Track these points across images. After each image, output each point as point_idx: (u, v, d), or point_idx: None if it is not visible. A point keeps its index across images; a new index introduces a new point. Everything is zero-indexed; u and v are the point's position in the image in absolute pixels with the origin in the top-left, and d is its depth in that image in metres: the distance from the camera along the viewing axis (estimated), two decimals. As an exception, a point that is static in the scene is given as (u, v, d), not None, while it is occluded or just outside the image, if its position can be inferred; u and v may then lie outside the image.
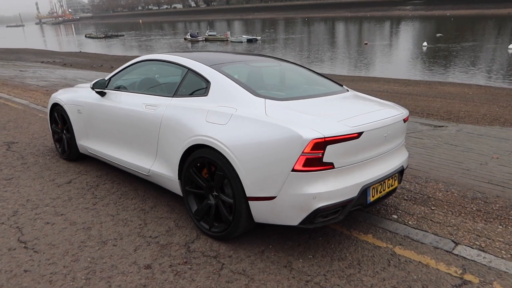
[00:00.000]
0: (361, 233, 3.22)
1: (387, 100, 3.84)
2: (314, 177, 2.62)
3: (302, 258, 2.88)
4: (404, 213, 3.61)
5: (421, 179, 4.59)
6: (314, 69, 6.06)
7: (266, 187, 2.70)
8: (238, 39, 53.57)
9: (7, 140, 5.86)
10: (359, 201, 2.86)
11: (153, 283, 2.61)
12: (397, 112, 3.21)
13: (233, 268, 2.76)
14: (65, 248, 3.01)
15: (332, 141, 2.60)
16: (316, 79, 3.88)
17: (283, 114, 2.79)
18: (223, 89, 3.13)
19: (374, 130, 2.85)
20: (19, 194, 3.98)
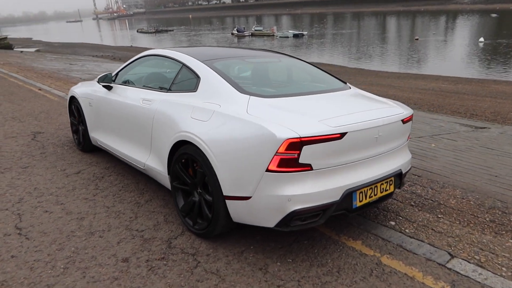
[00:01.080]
0: (350, 239, 3.06)
1: (428, 99, 3.61)
2: (290, 178, 2.51)
3: (280, 261, 2.78)
4: (404, 220, 3.39)
5: (438, 184, 4.30)
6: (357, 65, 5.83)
7: (241, 187, 2.63)
8: (284, 34, 53.26)
9: (34, 130, 6.18)
10: (343, 206, 2.71)
11: (125, 276, 2.63)
12: (394, 112, 3.01)
13: (207, 267, 2.72)
14: (54, 237, 3.11)
15: (309, 141, 2.47)
16: (318, 75, 3.73)
17: (264, 112, 2.70)
18: (211, 85, 3.08)
19: (361, 130, 2.68)
20: (29, 182, 4.17)
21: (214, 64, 3.29)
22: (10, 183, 4.17)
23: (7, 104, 8.26)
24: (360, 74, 24.11)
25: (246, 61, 3.57)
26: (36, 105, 8.05)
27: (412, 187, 4.20)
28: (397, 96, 12.70)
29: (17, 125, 6.56)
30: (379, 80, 20.93)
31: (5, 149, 5.31)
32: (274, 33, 55.30)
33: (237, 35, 58.32)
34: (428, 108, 10.04)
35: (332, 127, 2.56)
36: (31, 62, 18.59)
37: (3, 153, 5.14)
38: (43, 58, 23.25)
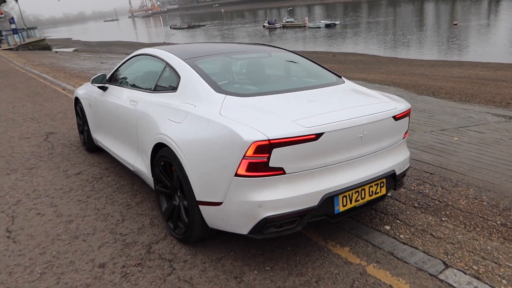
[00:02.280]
0: (337, 245, 2.87)
1: (462, 87, 3.34)
2: (260, 183, 2.36)
3: (258, 269, 2.64)
4: (402, 223, 3.15)
5: (450, 182, 4.00)
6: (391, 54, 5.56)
7: (212, 192, 2.50)
8: (316, 25, 52.40)
9: (48, 131, 6.33)
10: (322, 211, 2.53)
11: (98, 283, 2.58)
12: (384, 108, 2.77)
13: (181, 274, 2.63)
14: (40, 240, 3.12)
15: (279, 143, 2.30)
16: (311, 70, 3.53)
17: (237, 112, 2.55)
18: (190, 84, 2.96)
19: (341, 130, 2.48)
20: (31, 184, 4.24)
21: (196, 62, 3.17)
22: (13, 184, 4.26)
23: (30, 105, 8.53)
24: (393, 63, 23.28)
25: (232, 57, 3.42)
26: (56, 105, 8.26)
27: (420, 186, 3.92)
28: (428, 86, 12.12)
29: (34, 125, 6.74)
30: (412, 69, 20.11)
31: (17, 150, 5.45)
32: (306, 24, 54.48)
33: (268, 28, 57.97)
34: (460, 97, 9.48)
35: (306, 127, 2.38)
36: (64, 62, 19.25)
37: (14, 154, 5.28)
38: (77, 58, 24.05)
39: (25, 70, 15.49)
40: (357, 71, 19.27)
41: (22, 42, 32.71)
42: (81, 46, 51.03)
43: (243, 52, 3.57)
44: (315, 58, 27.65)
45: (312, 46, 35.97)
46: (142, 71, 3.88)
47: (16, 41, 31.46)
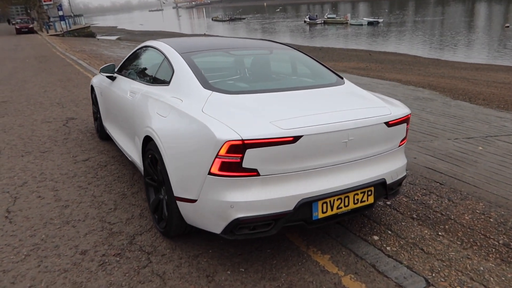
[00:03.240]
0: (318, 252, 2.78)
1: (502, 94, 3.19)
2: (233, 183, 2.31)
3: (232, 270, 2.60)
4: (392, 235, 3.01)
5: (460, 194, 3.79)
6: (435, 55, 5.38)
7: (188, 189, 2.49)
8: (358, 22, 51.31)
9: (69, 116, 6.55)
10: (299, 216, 2.45)
11: (75, 269, 2.64)
12: (375, 113, 2.64)
13: (156, 268, 2.63)
14: (33, 223, 3.23)
15: (253, 144, 2.25)
16: (312, 69, 3.42)
17: (219, 110, 2.51)
18: (181, 78, 2.95)
19: (322, 134, 2.39)
20: (40, 167, 4.40)
21: (192, 56, 3.15)
22: (24, 166, 4.43)
23: (60, 90, 8.87)
24: (434, 65, 22.41)
25: (230, 53, 3.38)
26: (83, 92, 8.54)
27: (425, 197, 3.74)
28: (466, 90, 11.59)
29: (58, 110, 7.00)
30: (454, 72, 19.27)
31: (36, 133, 5.68)
32: (348, 21, 53.42)
33: (309, 23, 57.35)
34: (498, 105, 8.99)
35: (283, 129, 2.30)
36: (103, 50, 19.88)
37: (33, 137, 5.50)
38: (117, 46, 24.77)
39: (65, 56, 16.12)
40: (394, 71, 18.69)
41: (68, 28, 34.11)
42: (124, 34, 52.54)
43: (244, 48, 3.51)
44: (351, 56, 27.00)
45: (350, 43, 35.25)
46: (145, 63, 3.92)
47: (62, 28, 32.86)
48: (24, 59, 15.84)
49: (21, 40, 27.85)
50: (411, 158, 4.86)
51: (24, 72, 11.99)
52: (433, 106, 8.91)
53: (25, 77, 11.06)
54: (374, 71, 18.28)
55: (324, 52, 29.90)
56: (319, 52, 29.57)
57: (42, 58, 15.71)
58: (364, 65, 21.03)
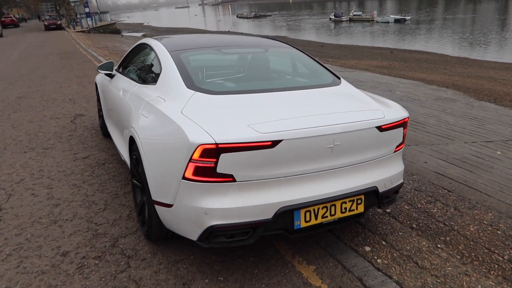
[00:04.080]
0: (304, 262, 2.63)
1: None
2: (207, 189, 2.20)
3: (210, 278, 2.49)
4: (387, 245, 2.83)
5: (468, 203, 3.56)
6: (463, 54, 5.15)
7: (164, 193, 2.39)
8: (385, 19, 50.24)
9: (79, 113, 6.59)
10: (279, 225, 2.32)
11: (52, 271, 2.59)
12: (366, 117, 2.47)
13: (133, 273, 2.55)
14: (22, 221, 3.21)
15: (228, 148, 2.12)
16: (308, 69, 3.27)
17: (198, 111, 2.40)
18: (167, 77, 2.86)
19: (304, 139, 2.24)
20: (40, 164, 4.41)
21: (181, 55, 3.05)
22: (24, 163, 4.46)
23: (75, 86, 8.97)
24: (461, 64, 21.66)
25: (222, 51, 3.25)
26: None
27: (429, 205, 3.53)
28: (492, 91, 11.12)
29: (69, 106, 7.06)
30: (481, 71, 18.56)
31: (43, 129, 5.73)
32: (374, 18, 52.35)
33: (334, 20, 56.55)
34: (526, 106, 8.57)
35: (261, 133, 2.17)
36: (126, 46, 20.10)
37: (39, 133, 5.54)
38: (140, 43, 25.04)
39: (87, 52, 16.38)
40: (418, 70, 18.15)
41: (94, 25, 34.80)
42: (150, 31, 53.20)
43: (238, 46, 3.39)
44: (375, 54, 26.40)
45: (375, 41, 34.54)
46: (138, 61, 3.84)
47: (88, 24, 33.56)
48: (48, 55, 16.20)
49: (48, 36, 28.56)
50: (421, 162, 4.62)
51: (44, 68, 12.24)
52: (454, 107, 8.54)
53: (45, 72, 11.27)
54: (397, 69, 17.80)
55: (347, 50, 29.39)
56: (342, 50, 29.09)
57: (64, 54, 16.02)
58: (387, 64, 20.52)
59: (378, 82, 12.34)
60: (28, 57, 15.95)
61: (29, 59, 15.04)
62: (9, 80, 10.16)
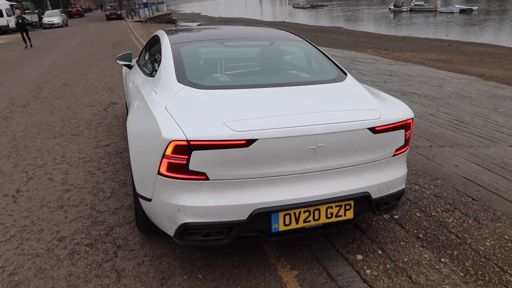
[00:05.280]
0: (287, 266, 2.53)
1: None
2: (180, 186, 2.16)
3: (189, 274, 2.47)
4: (382, 255, 2.65)
5: (492, 214, 3.27)
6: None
7: (144, 187, 2.39)
8: (449, 10, 47.31)
9: (113, 101, 6.83)
10: (255, 227, 2.24)
11: (45, 255, 2.70)
12: (354, 117, 2.30)
13: (118, 264, 2.60)
14: (33, 204, 3.39)
15: (199, 146, 2.07)
16: (313, 63, 3.11)
17: (181, 106, 2.36)
18: (163, 70, 2.84)
19: (282, 138, 2.13)
20: (64, 150, 4.62)
21: (181, 47, 3.02)
22: (51, 148, 4.70)
23: (117, 75, 9.32)
24: (531, 58, 19.88)
25: (224, 44, 3.18)
26: (136, 77, 8.88)
27: (445, 213, 3.27)
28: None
29: (106, 94, 7.34)
30: (554, 68, 16.95)
31: (77, 116, 6.01)
32: (437, 8, 49.43)
33: (393, 10, 54.15)
34: None
35: (235, 131, 2.09)
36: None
37: (72, 119, 5.82)
38: (191, 33, 25.53)
39: (138, 42, 16.98)
40: (478, 64, 16.92)
41: (151, 15, 36.02)
42: (205, 21, 54.10)
43: (242, 39, 3.30)
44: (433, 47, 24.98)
45: (436, 33, 32.60)
46: (150, 53, 3.87)
47: (145, 14, 34.81)
48: (102, 44, 17.00)
49: (107, 26, 29.97)
50: (450, 166, 4.29)
51: (95, 57, 12.85)
52: (509, 106, 7.86)
53: (94, 61, 11.83)
54: (455, 63, 16.71)
55: (404, 41, 28.02)
56: (398, 42, 27.78)
57: (117, 44, 16.71)
58: (445, 57, 19.33)
59: (428, 77, 11.65)
60: (84, 46, 16.85)
61: (84, 48, 15.88)
62: (61, 68, 10.78)
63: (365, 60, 15.34)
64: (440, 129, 5.78)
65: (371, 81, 9.64)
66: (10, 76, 10.09)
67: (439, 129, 5.75)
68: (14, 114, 6.24)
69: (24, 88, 8.24)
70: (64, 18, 34.19)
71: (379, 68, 12.98)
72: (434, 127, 5.88)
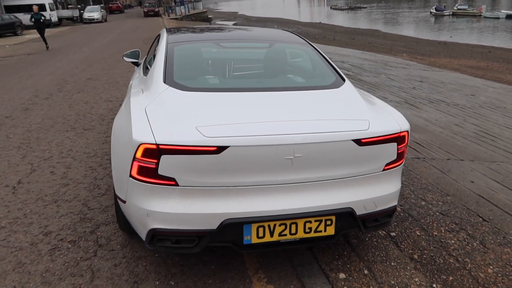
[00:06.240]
0: (264, 280, 2.42)
1: None
2: (150, 190, 2.10)
3: (162, 280, 2.41)
4: (368, 275, 2.49)
5: (502, 238, 3.05)
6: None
7: (120, 188, 2.35)
8: (494, 15, 45.22)
9: (130, 97, 6.90)
10: (226, 237, 2.14)
11: (28, 249, 2.71)
12: (338, 128, 2.15)
13: (95, 263, 2.57)
14: (29, 197, 3.44)
15: (169, 150, 2.00)
16: (311, 68, 2.98)
17: (160, 108, 2.30)
18: (154, 70, 2.80)
19: (255, 147, 2.02)
20: (72, 144, 4.70)
21: (176, 47, 2.96)
22: (60, 141, 4.78)
23: (141, 71, 9.44)
24: None
25: (220, 45, 3.10)
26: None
27: (449, 233, 3.05)
28: None
29: (125, 90, 7.43)
30: None
31: (93, 110, 6.11)
32: (481, 13, 47.33)
33: (434, 14, 52.33)
34: None
35: (206, 137, 2.00)
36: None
37: (88, 114, 5.93)
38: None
39: (169, 39, 17.20)
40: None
41: (187, 13, 36.55)
42: (241, 20, 54.30)
43: (240, 40, 3.20)
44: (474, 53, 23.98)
45: (480, 39, 31.22)
46: (151, 52, 3.84)
47: (181, 12, 35.37)
48: (134, 40, 17.36)
49: (144, 23, 30.63)
50: (466, 182, 4.03)
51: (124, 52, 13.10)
52: (547, 120, 7.37)
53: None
54: (494, 71, 15.92)
55: (443, 47, 27.00)
56: (437, 47, 26.78)
57: (149, 40, 17.00)
58: (484, 64, 18.46)
59: (462, 85, 11.13)
60: (117, 41, 17.27)
61: (117, 44, 16.26)
62: (90, 63, 11.07)
63: (397, 64, 14.87)
64: (463, 141, 5.47)
65: (398, 87, 9.31)
66: (42, 68, 10.46)
67: (462, 141, 5.44)
68: (35, 106, 6.43)
69: (51, 81, 8.50)
70: (104, 14, 35.27)
71: (411, 73, 12.54)
72: (457, 138, 5.56)
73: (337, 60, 14.05)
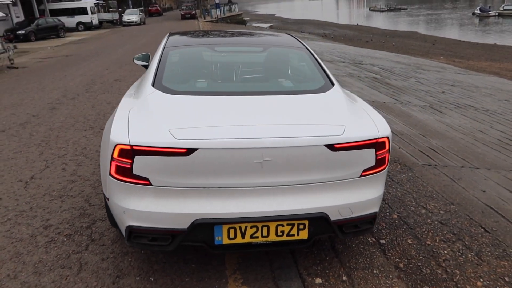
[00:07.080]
0: (240, 281, 2.46)
1: None
2: (126, 189, 2.20)
3: (143, 277, 2.51)
4: (345, 282, 2.47)
5: (501, 250, 2.95)
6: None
7: (104, 186, 2.46)
8: (544, 15, 42.72)
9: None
10: (197, 237, 2.21)
11: (27, 241, 2.89)
12: (309, 133, 2.16)
13: (84, 257, 2.71)
14: (39, 191, 3.65)
15: (141, 151, 2.09)
16: (301, 72, 2.99)
17: (143, 110, 2.40)
18: (148, 73, 2.91)
19: (223, 149, 2.07)
20: (87, 143, 4.92)
21: (171, 51, 3.07)
22: (77, 140, 5.02)
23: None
24: None
25: (214, 50, 3.16)
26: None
27: (443, 243, 2.97)
28: None
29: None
30: None
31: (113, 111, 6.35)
32: (531, 14, 44.90)
33: (479, 15, 50.13)
34: None
35: (177, 139, 2.07)
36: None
37: (107, 114, 6.17)
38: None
39: (200, 42, 17.53)
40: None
41: (222, 15, 37.06)
42: (278, 22, 54.39)
43: (234, 44, 3.26)
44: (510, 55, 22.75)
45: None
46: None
47: (217, 14, 35.91)
48: (167, 42, 17.79)
49: (180, 25, 31.32)
50: (476, 191, 3.89)
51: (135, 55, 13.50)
52: None
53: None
54: (532, 75, 15.11)
55: (485, 49, 25.83)
56: (478, 50, 25.68)
57: (181, 43, 17.41)
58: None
59: (497, 89, 10.66)
60: (150, 43, 17.77)
61: (149, 46, 16.74)
62: (120, 64, 11.49)
63: (431, 68, 14.42)
64: (483, 148, 5.25)
65: (426, 91, 9.04)
66: (76, 69, 10.97)
67: (482, 148, 5.23)
68: (61, 106, 6.77)
69: (81, 82, 8.91)
70: (142, 17, 36.41)
71: (443, 77, 12.13)
72: (477, 145, 5.35)
73: (367, 63, 13.81)
